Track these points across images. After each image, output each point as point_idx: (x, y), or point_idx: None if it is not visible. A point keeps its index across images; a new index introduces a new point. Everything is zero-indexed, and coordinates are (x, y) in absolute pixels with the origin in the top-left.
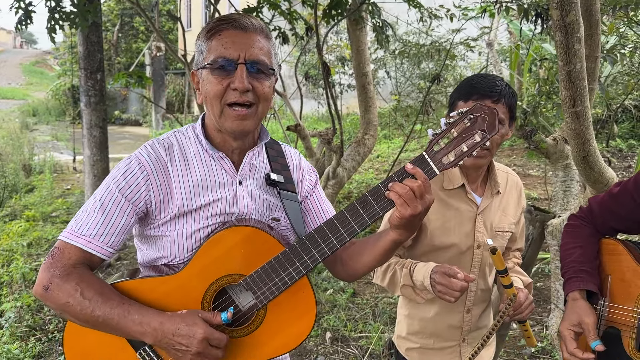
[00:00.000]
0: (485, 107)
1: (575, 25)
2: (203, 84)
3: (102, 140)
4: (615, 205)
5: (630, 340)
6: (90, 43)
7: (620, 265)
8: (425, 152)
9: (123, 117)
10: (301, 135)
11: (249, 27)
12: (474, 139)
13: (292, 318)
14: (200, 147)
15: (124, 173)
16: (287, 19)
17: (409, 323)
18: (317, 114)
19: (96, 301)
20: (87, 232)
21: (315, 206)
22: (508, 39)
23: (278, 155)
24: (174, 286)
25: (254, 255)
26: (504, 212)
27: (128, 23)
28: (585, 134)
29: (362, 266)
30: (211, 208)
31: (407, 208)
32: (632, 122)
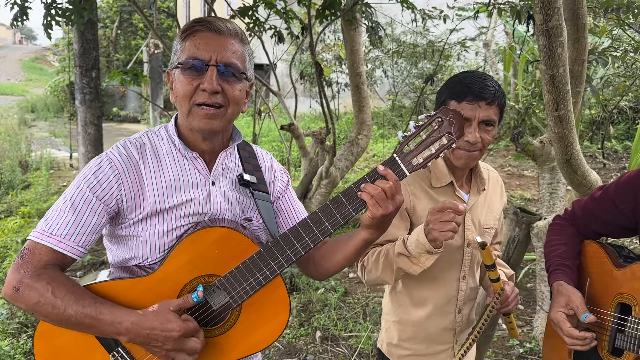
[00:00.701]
0: (452, 111)
1: (557, 29)
2: (175, 83)
3: (97, 137)
4: (597, 210)
5: (604, 342)
6: (86, 41)
7: (599, 268)
8: (395, 154)
9: (121, 114)
10: (295, 134)
11: (223, 30)
12: (441, 141)
13: (266, 317)
14: (173, 147)
15: (95, 172)
16: (283, 18)
17: (399, 329)
18: (314, 113)
19: (68, 300)
20: (58, 231)
21: (287, 207)
22: (505, 39)
23: (250, 156)
24: (148, 287)
25: (229, 256)
26: (490, 209)
27: (127, 20)
28: (568, 137)
29: (334, 265)
30: (184, 208)
31: (379, 208)
32: (627, 124)
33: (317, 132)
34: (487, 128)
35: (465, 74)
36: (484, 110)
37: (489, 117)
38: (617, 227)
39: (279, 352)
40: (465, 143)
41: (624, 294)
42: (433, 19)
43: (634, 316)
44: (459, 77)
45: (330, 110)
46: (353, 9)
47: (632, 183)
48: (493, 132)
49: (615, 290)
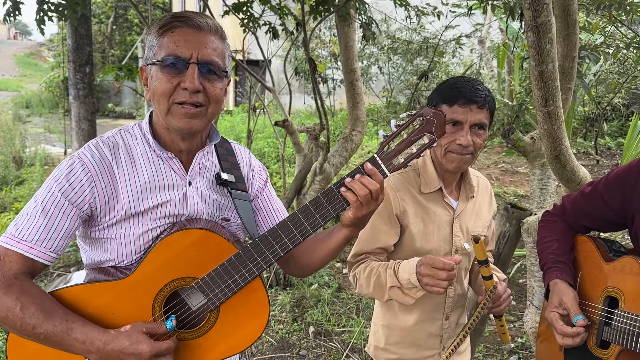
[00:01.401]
0: (434, 110)
1: (547, 25)
2: (151, 80)
3: (91, 133)
4: (586, 205)
5: (592, 335)
6: (79, 36)
7: (589, 262)
8: (376, 154)
9: (116, 109)
10: (289, 130)
11: (203, 27)
12: (422, 140)
13: (245, 319)
14: (147, 147)
15: (67, 174)
16: (277, 14)
17: (387, 334)
18: (309, 109)
19: (37, 317)
20: (29, 237)
21: (265, 205)
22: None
23: (228, 153)
24: (123, 290)
25: (206, 258)
26: (478, 216)
27: (122, 15)
28: (557, 133)
29: (314, 262)
30: (160, 210)
31: (362, 209)
32: (621, 121)
33: (311, 128)
34: (478, 132)
35: (456, 79)
36: (476, 113)
37: (480, 120)
38: (606, 222)
39: (272, 348)
40: (458, 146)
41: (612, 287)
42: (427, 16)
43: (620, 309)
44: (450, 82)
45: (325, 106)
46: (347, 5)
47: (620, 179)
48: (484, 136)
49: (603, 284)
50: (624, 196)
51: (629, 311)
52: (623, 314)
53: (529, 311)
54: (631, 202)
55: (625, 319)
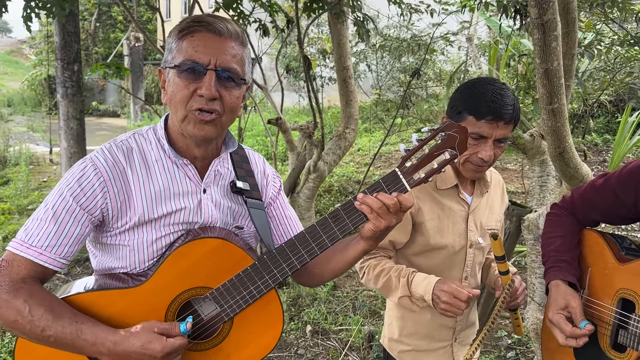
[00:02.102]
0: (456, 126)
1: (552, 23)
2: (169, 84)
3: (80, 132)
4: (597, 198)
5: (606, 337)
6: (67, 33)
7: (601, 260)
8: (397, 169)
9: (101, 108)
10: (282, 128)
11: (223, 32)
12: (444, 156)
13: (258, 331)
14: (162, 153)
15: (79, 179)
16: (268, 11)
17: (401, 325)
18: (298, 107)
19: (47, 320)
20: (39, 243)
21: (279, 212)
22: (487, 34)
23: (242, 160)
24: (136, 299)
25: (222, 268)
26: (491, 211)
27: (106, 12)
28: (561, 130)
29: (329, 273)
30: (173, 217)
31: (382, 220)
32: (607, 117)
33: (305, 126)
34: (500, 145)
35: (485, 88)
36: (502, 129)
37: (505, 135)
38: (617, 216)
39: None
40: (479, 159)
41: (628, 289)
42: (420, 13)
43: (638, 314)
44: (479, 91)
45: (319, 104)
46: (340, 2)
47: (635, 174)
48: (505, 147)
49: (617, 284)
50: (637, 192)
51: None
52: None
53: (529, 308)
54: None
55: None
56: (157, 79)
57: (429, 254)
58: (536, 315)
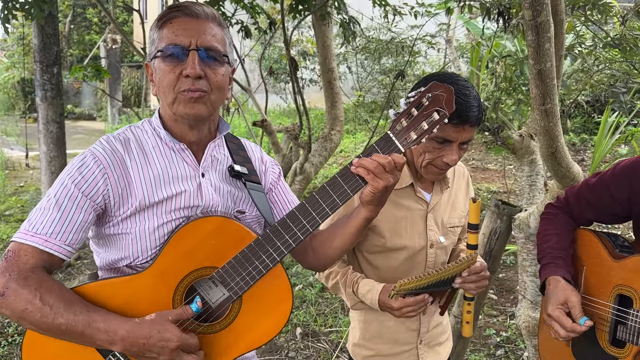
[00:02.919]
0: (441, 86)
1: (546, 25)
2: (156, 73)
3: (60, 135)
4: (591, 197)
5: (604, 333)
6: (46, 35)
7: (596, 259)
8: (389, 131)
9: (76, 111)
10: (267, 130)
11: (200, 14)
12: (433, 116)
13: (269, 307)
14: (159, 140)
15: (79, 168)
16: (250, 13)
17: (363, 328)
18: (279, 109)
19: (58, 308)
20: (43, 230)
21: (281, 198)
22: (466, 35)
23: (239, 148)
24: (142, 284)
25: (226, 246)
26: (454, 207)
27: (80, 14)
28: (554, 130)
29: (334, 251)
30: (174, 201)
31: (379, 181)
32: (584, 117)
33: (291, 128)
34: (463, 147)
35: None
36: (467, 132)
37: (470, 138)
38: (611, 215)
39: (260, 350)
40: (444, 163)
41: (624, 286)
42: (403, 15)
43: (636, 309)
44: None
45: (305, 106)
46: (326, 4)
47: (628, 172)
48: (466, 149)
49: (614, 281)
50: (632, 190)
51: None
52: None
53: (521, 305)
54: (638, 198)
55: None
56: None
57: (387, 255)
58: (528, 313)
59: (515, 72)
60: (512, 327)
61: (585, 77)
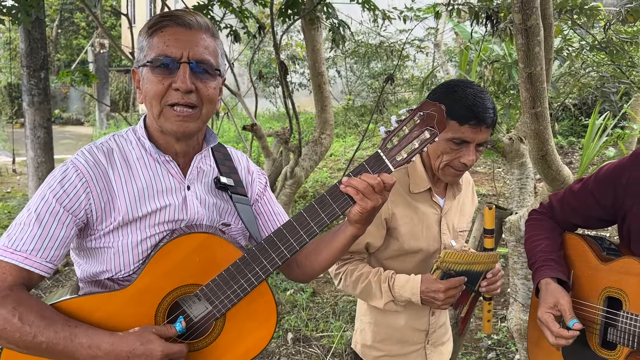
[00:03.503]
0: (433, 104)
1: (536, 28)
2: (143, 82)
3: (47, 141)
4: (575, 203)
5: (594, 336)
6: (33, 40)
7: (583, 261)
8: (380, 150)
9: (63, 116)
10: (257, 135)
11: (193, 25)
12: (424, 135)
13: (252, 326)
14: (143, 151)
15: (61, 181)
16: (239, 17)
17: (374, 331)
18: (268, 113)
19: (37, 326)
20: (23, 247)
21: (266, 209)
22: (454, 39)
23: (225, 158)
24: (124, 301)
25: (211, 263)
26: (462, 212)
27: (68, 19)
28: (544, 133)
29: (319, 265)
30: (158, 215)
31: (368, 201)
32: (571, 120)
33: (281, 132)
34: (479, 148)
35: (466, 92)
36: (484, 133)
37: (486, 139)
38: (596, 219)
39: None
40: (461, 164)
41: (613, 288)
42: (392, 19)
43: (626, 311)
44: (460, 95)
45: (296, 110)
46: (315, 9)
47: (611, 177)
48: (482, 151)
49: (602, 284)
50: (616, 194)
51: (635, 313)
52: (630, 316)
53: (512, 308)
54: (623, 201)
55: (633, 321)
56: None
57: (403, 258)
58: (519, 316)
59: (504, 76)
60: (503, 330)
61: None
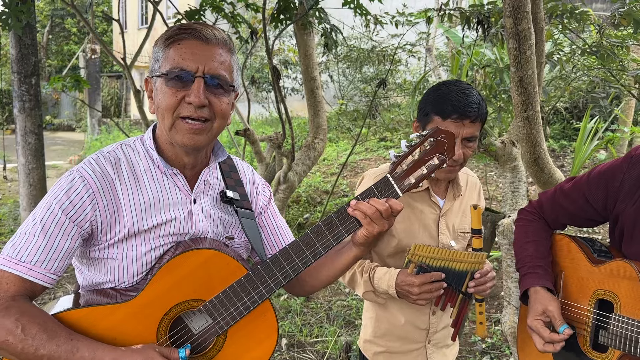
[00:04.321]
0: (444, 132)
1: (527, 32)
2: (156, 93)
3: (38, 147)
4: (566, 202)
5: (585, 338)
6: (24, 45)
7: (573, 263)
8: (389, 175)
9: (55, 122)
10: (250, 140)
11: (211, 39)
12: (433, 161)
13: (253, 344)
14: (151, 163)
15: (67, 191)
16: (231, 23)
17: (375, 326)
18: (261, 118)
19: (40, 338)
20: (28, 258)
21: (270, 222)
22: (446, 44)
23: (231, 170)
24: (128, 314)
25: (215, 279)
26: (464, 214)
27: (59, 24)
28: (536, 137)
29: (320, 282)
30: (164, 228)
31: (375, 226)
32: (562, 124)
33: (274, 137)
34: (468, 144)
35: (449, 89)
36: (468, 127)
37: (472, 134)
38: (586, 219)
39: None
40: (451, 161)
41: (604, 290)
42: (383, 24)
43: (617, 313)
44: (443, 91)
45: (289, 114)
46: (307, 14)
47: (604, 178)
48: (474, 146)
49: (593, 286)
50: (608, 196)
51: (627, 316)
52: (621, 319)
53: (506, 312)
54: (615, 203)
55: (624, 324)
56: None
57: (402, 255)
58: (513, 319)
59: (495, 80)
60: (497, 334)
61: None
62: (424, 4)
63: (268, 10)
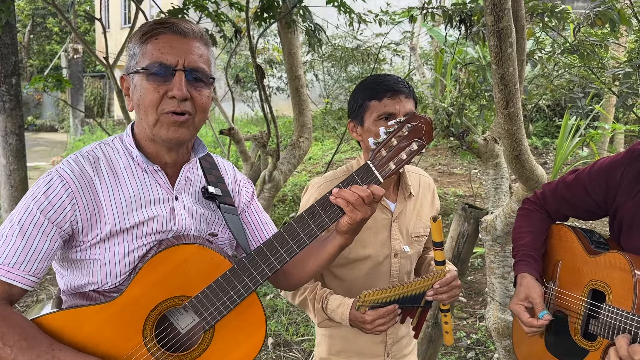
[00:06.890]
0: (420, 117)
1: (508, 30)
2: (135, 89)
3: (19, 148)
4: (568, 194)
5: (576, 326)
6: (4, 45)
7: (570, 253)
8: (369, 162)
9: (37, 122)
10: (235, 139)
11: (188, 33)
12: (411, 147)
13: (241, 337)
14: (130, 160)
15: (46, 192)
16: (215, 21)
17: (330, 343)
18: (246, 117)
19: (20, 348)
20: (6, 260)
21: (254, 218)
22: (430, 42)
23: (212, 167)
24: (111, 314)
25: (200, 275)
26: (419, 216)
27: (40, 24)
28: (517, 134)
29: (307, 274)
30: (146, 226)
31: (358, 213)
32: (545, 121)
33: (259, 136)
34: None
35: (375, 76)
36: (405, 103)
37: (411, 109)
38: (587, 211)
39: None
40: None
41: (598, 281)
42: (368, 23)
43: (608, 304)
44: (370, 79)
45: (273, 113)
46: (291, 12)
47: (605, 172)
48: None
49: (588, 276)
50: (608, 189)
51: (617, 307)
52: (611, 309)
53: (490, 307)
54: (615, 196)
55: (614, 314)
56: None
57: (352, 266)
58: (497, 315)
59: (478, 78)
60: (482, 329)
61: (545, 82)
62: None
63: (252, 8)
